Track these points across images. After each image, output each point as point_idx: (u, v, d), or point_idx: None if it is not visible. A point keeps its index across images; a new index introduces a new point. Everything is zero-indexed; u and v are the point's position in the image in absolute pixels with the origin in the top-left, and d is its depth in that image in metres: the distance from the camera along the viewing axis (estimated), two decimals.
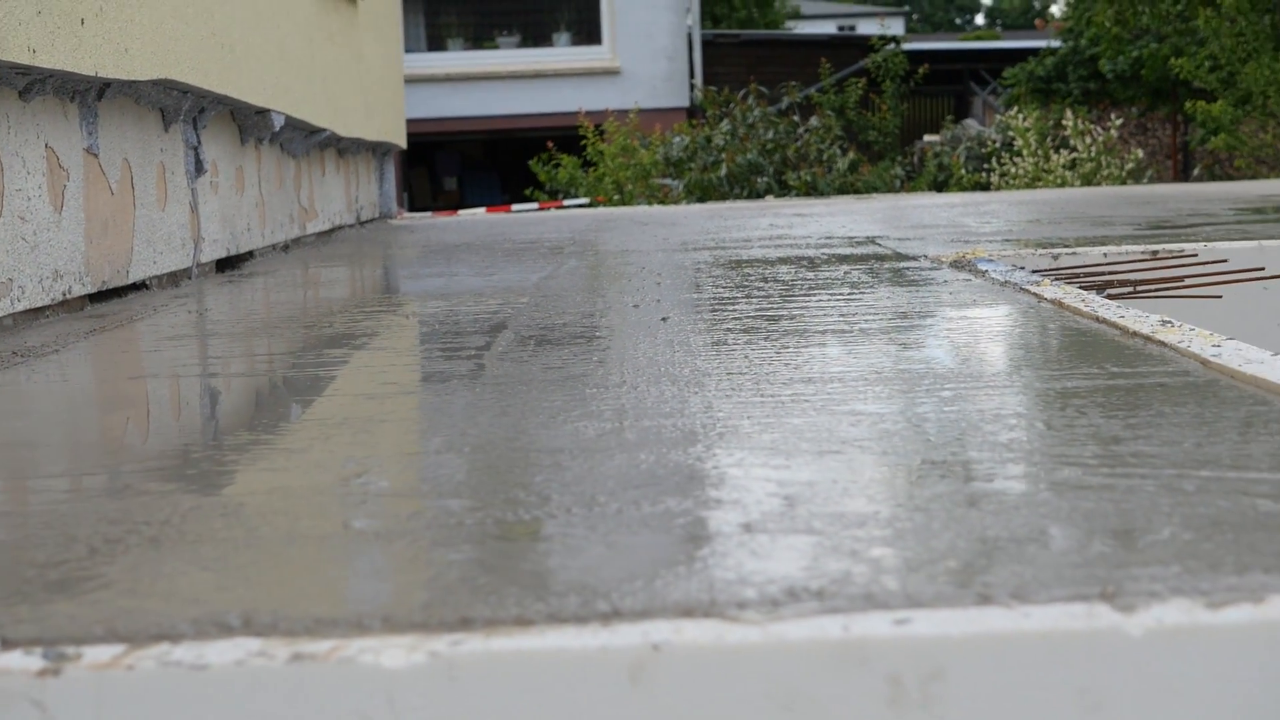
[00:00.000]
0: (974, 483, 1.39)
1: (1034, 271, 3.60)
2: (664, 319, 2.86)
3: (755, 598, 1.06)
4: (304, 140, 6.06)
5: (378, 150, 8.31)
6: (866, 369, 2.11)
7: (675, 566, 1.15)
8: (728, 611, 1.04)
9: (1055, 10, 22.54)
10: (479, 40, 21.35)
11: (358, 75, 7.25)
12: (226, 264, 4.89)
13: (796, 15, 44.98)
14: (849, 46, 22.22)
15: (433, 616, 1.06)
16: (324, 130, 6.23)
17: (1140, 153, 15.31)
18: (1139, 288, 3.56)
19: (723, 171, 13.38)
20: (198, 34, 4.30)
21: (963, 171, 15.53)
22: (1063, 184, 13.97)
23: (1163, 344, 2.19)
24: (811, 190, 13.33)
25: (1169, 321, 2.39)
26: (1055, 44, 21.49)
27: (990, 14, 72.25)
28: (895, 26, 42.61)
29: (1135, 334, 2.32)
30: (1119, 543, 1.17)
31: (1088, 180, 14.21)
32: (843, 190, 13.37)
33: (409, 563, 1.21)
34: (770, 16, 36.28)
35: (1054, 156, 14.54)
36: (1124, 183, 14.21)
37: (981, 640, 1.00)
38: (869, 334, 2.51)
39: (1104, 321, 2.48)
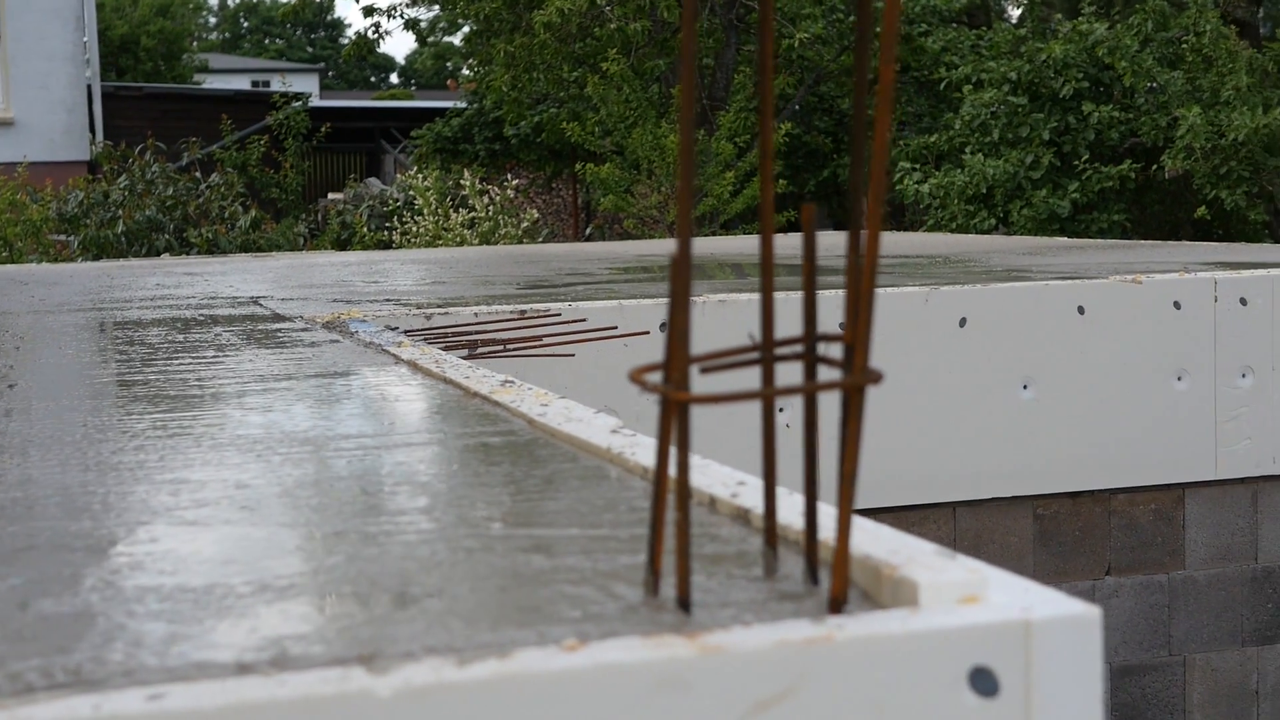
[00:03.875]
0: (273, 552, 1.40)
1: (406, 332, 3.67)
2: (11, 386, 2.76)
3: (5, 682, 1.04)
4: None
5: None
6: (203, 435, 2.10)
7: None
8: None
9: (467, 71, 23.13)
10: None
11: None
12: None
13: (205, 69, 44.34)
14: (255, 103, 22.11)
15: None
16: None
17: (535, 213, 15.86)
18: (508, 346, 3.68)
19: (120, 228, 13.01)
20: None
21: (365, 230, 15.66)
22: (462, 243, 14.29)
23: (498, 404, 2.28)
24: (214, 248, 13.13)
25: (511, 381, 2.48)
26: (464, 105, 22.01)
27: (404, 73, 73.24)
28: (309, 84, 42.57)
29: (476, 394, 2.39)
30: (395, 604, 1.21)
31: (486, 239, 14.58)
32: (245, 248, 13.22)
33: None
34: (178, 70, 35.63)
35: (454, 216, 14.85)
36: (520, 241, 14.65)
37: (236, 711, 1.00)
38: (220, 399, 2.50)
39: (451, 382, 2.55)
